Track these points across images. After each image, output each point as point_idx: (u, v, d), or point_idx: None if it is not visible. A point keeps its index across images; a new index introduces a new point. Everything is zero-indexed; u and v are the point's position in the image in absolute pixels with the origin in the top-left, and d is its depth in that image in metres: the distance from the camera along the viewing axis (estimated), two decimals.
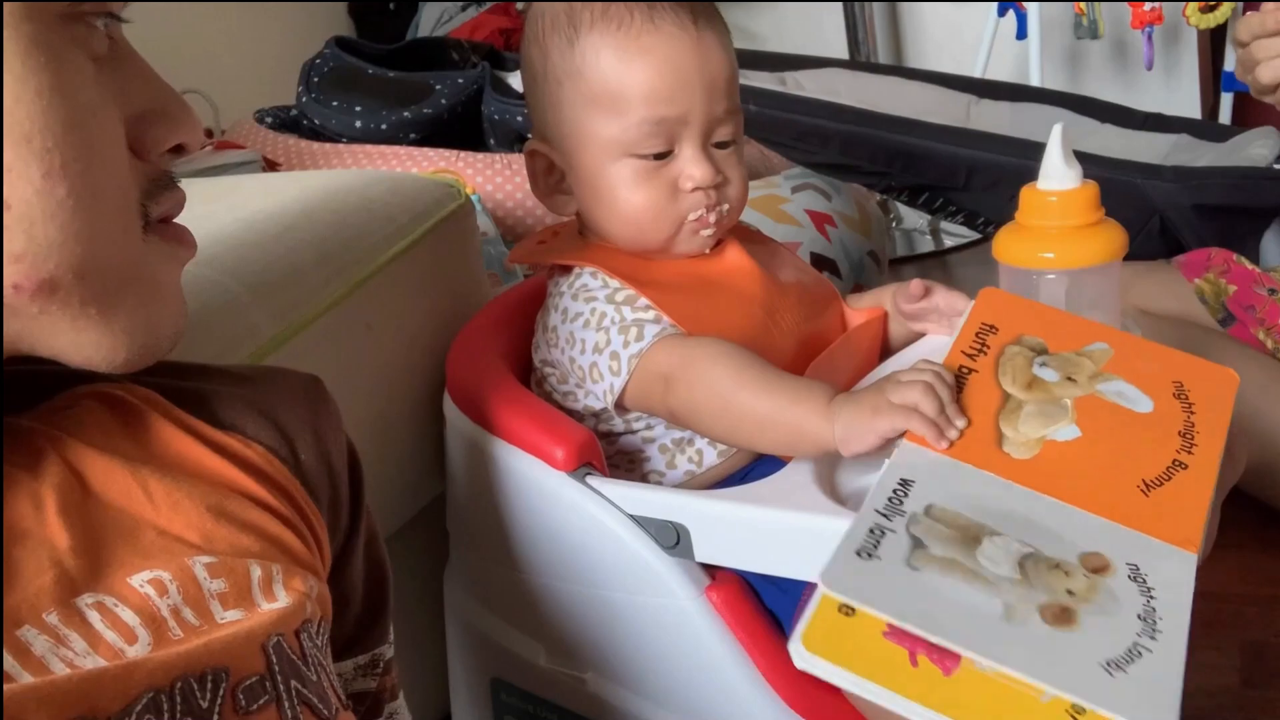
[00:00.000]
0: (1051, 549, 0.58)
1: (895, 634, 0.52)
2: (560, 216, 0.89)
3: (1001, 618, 0.54)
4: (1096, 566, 0.58)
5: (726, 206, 0.82)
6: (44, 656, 0.42)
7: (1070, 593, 0.56)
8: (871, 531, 0.58)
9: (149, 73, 0.49)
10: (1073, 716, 0.50)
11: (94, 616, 0.44)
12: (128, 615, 0.45)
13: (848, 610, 0.53)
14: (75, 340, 0.46)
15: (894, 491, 0.61)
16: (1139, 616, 0.55)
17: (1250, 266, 1.27)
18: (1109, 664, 0.52)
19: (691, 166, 0.80)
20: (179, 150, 0.49)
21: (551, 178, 0.85)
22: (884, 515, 0.59)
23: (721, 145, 0.82)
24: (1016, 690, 0.51)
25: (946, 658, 0.52)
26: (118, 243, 0.46)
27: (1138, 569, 0.58)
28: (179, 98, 0.49)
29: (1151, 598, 0.56)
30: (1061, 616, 0.54)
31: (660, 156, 0.80)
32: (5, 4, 0.41)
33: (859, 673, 0.51)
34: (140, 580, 0.46)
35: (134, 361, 0.48)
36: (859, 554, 0.56)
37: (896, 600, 0.54)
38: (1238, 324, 1.25)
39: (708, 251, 0.84)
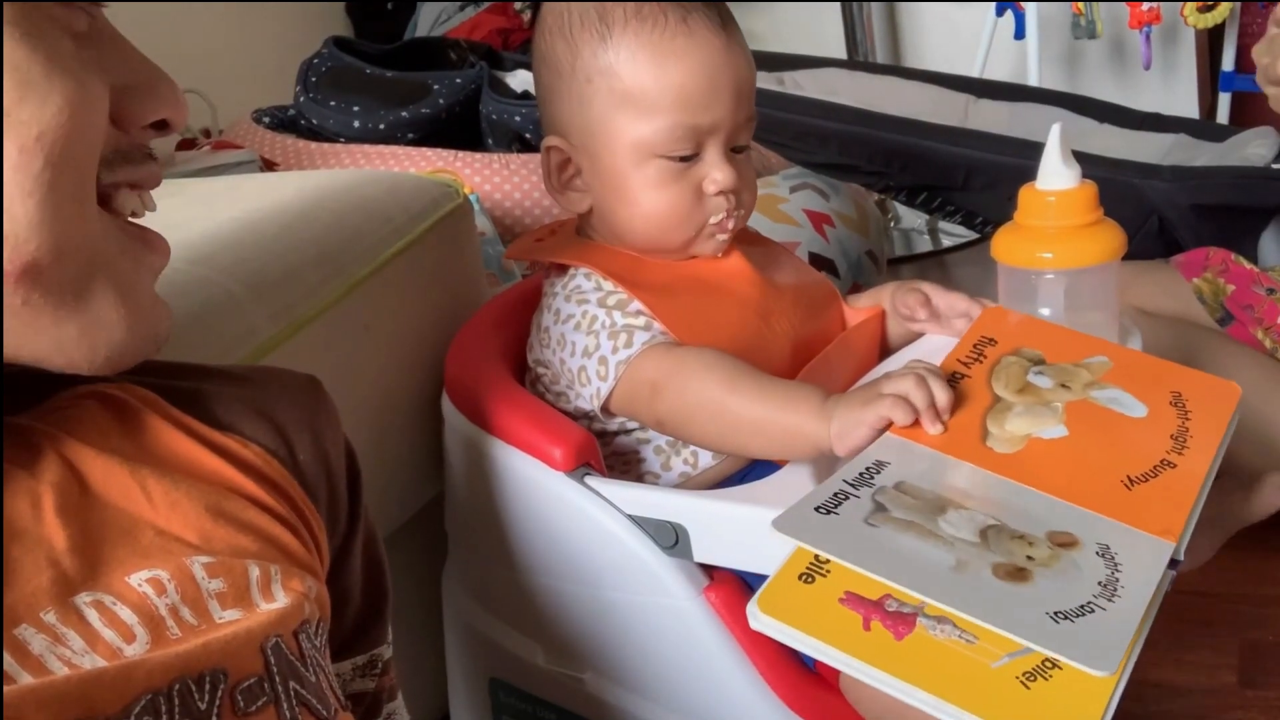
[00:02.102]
0: (1018, 524, 0.58)
1: (851, 601, 0.53)
2: (569, 213, 0.88)
3: (951, 569, 0.54)
4: (1064, 542, 0.57)
5: (741, 211, 0.83)
6: (42, 655, 0.42)
7: (1030, 558, 0.56)
8: (835, 495, 0.58)
9: (130, 49, 0.48)
10: (1023, 683, 0.50)
11: (92, 615, 0.44)
12: (126, 614, 0.45)
13: (807, 578, 0.54)
14: (57, 337, 0.45)
15: (867, 469, 0.62)
16: (1099, 583, 0.54)
17: (1249, 266, 1.27)
18: (1056, 614, 0.52)
19: (716, 171, 0.80)
20: (163, 126, 0.49)
21: (566, 174, 0.85)
22: (851, 485, 0.60)
23: (737, 150, 0.82)
24: (968, 656, 0.51)
25: (900, 624, 0.53)
26: (84, 219, 0.45)
27: (1108, 548, 0.57)
28: (163, 73, 0.48)
29: (1117, 570, 0.55)
30: (1015, 574, 0.54)
31: (686, 159, 0.80)
32: None
33: (812, 635, 0.52)
34: (139, 579, 0.46)
35: (114, 360, 0.47)
36: (818, 509, 0.57)
37: (840, 543, 0.54)
38: (1236, 323, 1.25)
39: (720, 255, 0.84)
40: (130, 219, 0.49)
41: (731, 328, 0.80)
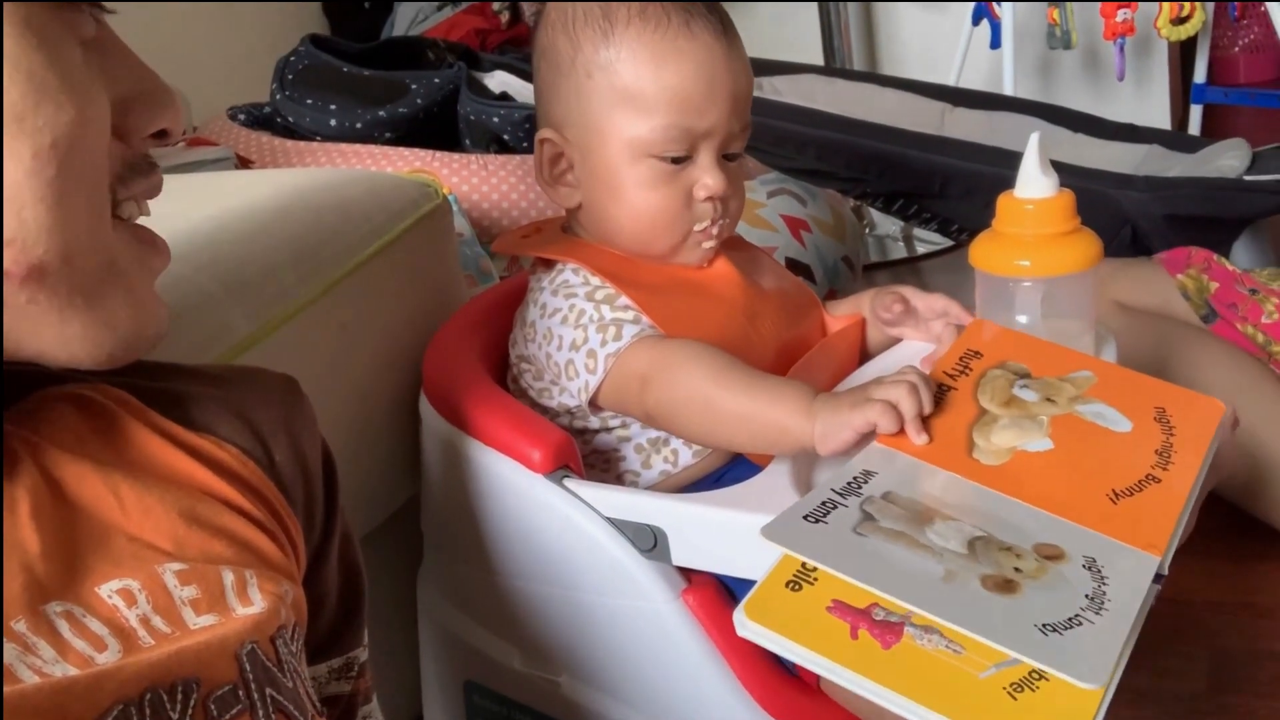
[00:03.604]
0: (1006, 536, 0.59)
1: (839, 609, 0.53)
2: (559, 208, 0.88)
3: (940, 579, 0.54)
4: (1050, 555, 0.58)
5: (727, 220, 0.83)
6: (12, 665, 0.42)
7: (1018, 570, 0.56)
8: (824, 504, 0.58)
9: (133, 58, 0.48)
10: (1010, 695, 0.50)
11: (62, 626, 0.44)
12: (96, 626, 0.45)
13: (795, 585, 0.54)
14: (61, 334, 0.45)
15: (854, 478, 0.62)
16: (1086, 596, 0.55)
17: (1230, 267, 1.28)
18: (1045, 626, 0.52)
19: (707, 176, 0.80)
20: (162, 135, 0.49)
21: (557, 168, 0.84)
22: (839, 494, 0.60)
23: (729, 158, 0.82)
24: (955, 666, 0.51)
25: (887, 633, 0.53)
26: (95, 227, 0.45)
27: (1094, 561, 0.57)
28: (163, 83, 0.49)
29: (1104, 584, 0.56)
30: (1003, 586, 0.54)
31: (679, 161, 0.80)
32: None
33: (800, 642, 0.52)
34: (109, 590, 0.46)
35: (117, 357, 0.48)
36: (806, 518, 0.57)
37: (831, 553, 0.54)
38: (1220, 320, 1.26)
39: (706, 264, 0.84)
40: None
41: (719, 328, 0.80)
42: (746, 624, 0.53)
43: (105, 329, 0.46)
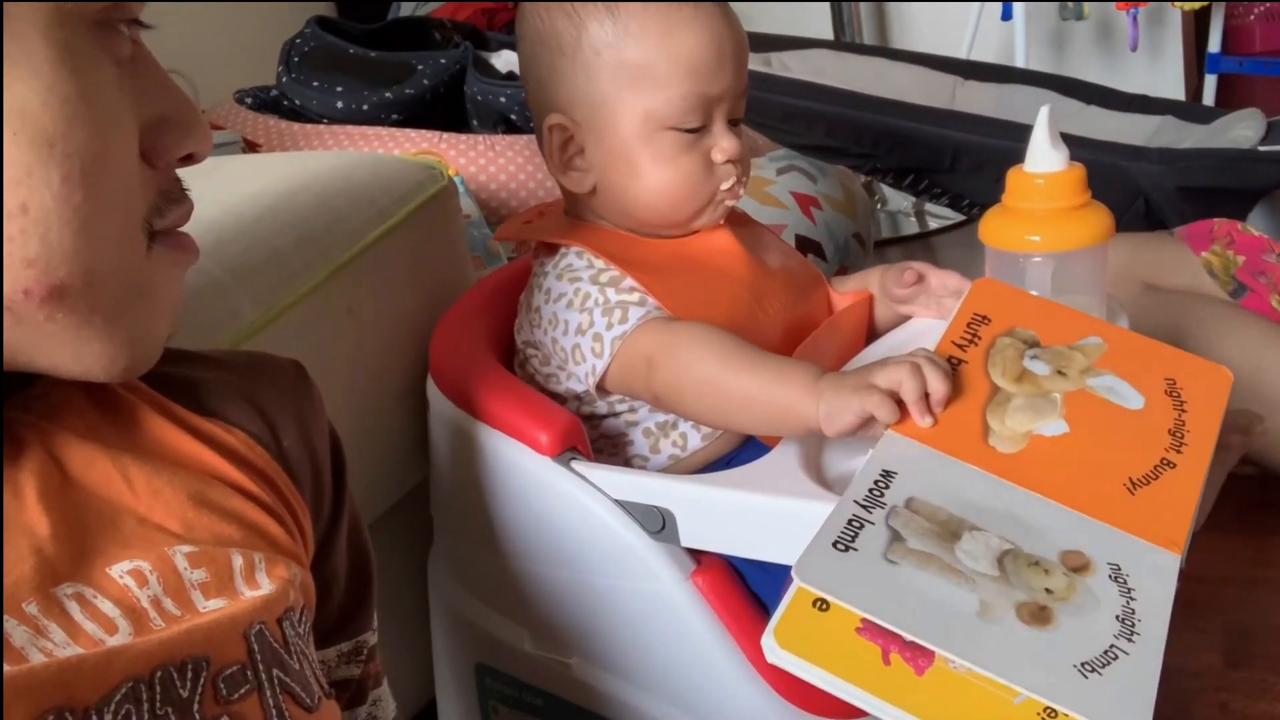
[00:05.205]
0: (1032, 545, 0.58)
1: (869, 630, 0.52)
2: (573, 193, 0.87)
3: (977, 615, 0.54)
4: (1077, 565, 0.57)
5: (746, 178, 0.83)
6: (23, 648, 0.42)
7: (1049, 591, 0.56)
8: (850, 523, 0.58)
9: (165, 80, 0.48)
10: (1045, 719, 0.50)
11: (73, 607, 0.44)
12: (107, 607, 0.45)
13: (822, 605, 0.53)
14: (77, 351, 0.45)
15: (875, 483, 0.61)
16: (1117, 618, 0.54)
17: (1257, 234, 1.26)
18: (1084, 665, 0.52)
19: (724, 140, 0.80)
20: (189, 160, 0.49)
21: (568, 152, 0.84)
22: (863, 506, 0.59)
23: (733, 122, 0.82)
24: (989, 691, 0.51)
25: (919, 656, 0.52)
26: (124, 252, 0.46)
27: (1119, 569, 0.57)
28: (192, 106, 0.49)
29: (1131, 599, 0.56)
30: (1038, 615, 0.54)
31: (695, 130, 0.80)
32: (40, 10, 0.41)
33: (831, 670, 0.51)
34: (120, 571, 0.46)
35: (132, 369, 0.48)
36: (835, 546, 0.56)
37: (870, 595, 0.53)
38: (1251, 294, 1.24)
39: (721, 222, 0.84)
40: None
41: (726, 307, 0.80)
42: (776, 651, 0.52)
43: (123, 347, 0.47)
